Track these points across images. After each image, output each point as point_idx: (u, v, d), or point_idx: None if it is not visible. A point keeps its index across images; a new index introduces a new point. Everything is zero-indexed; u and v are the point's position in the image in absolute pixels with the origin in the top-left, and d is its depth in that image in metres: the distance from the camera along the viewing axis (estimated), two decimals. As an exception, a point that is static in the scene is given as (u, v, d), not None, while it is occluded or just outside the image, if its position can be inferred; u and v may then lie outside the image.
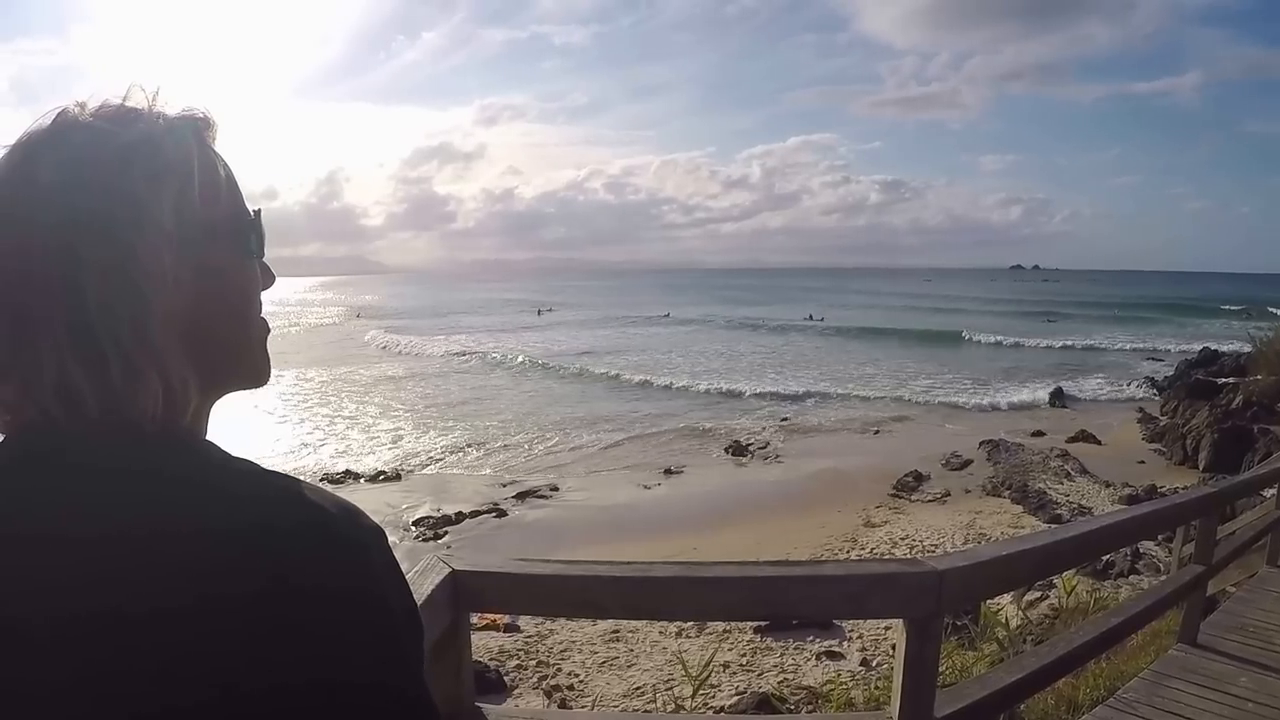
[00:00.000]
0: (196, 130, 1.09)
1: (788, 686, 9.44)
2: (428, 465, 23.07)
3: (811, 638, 10.74)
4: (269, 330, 1.17)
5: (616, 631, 10.88)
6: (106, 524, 0.91)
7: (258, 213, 1.14)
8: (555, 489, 20.03)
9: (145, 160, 1.01)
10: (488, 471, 22.15)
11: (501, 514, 17.61)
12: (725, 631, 10.91)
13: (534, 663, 10.36)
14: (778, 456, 23.16)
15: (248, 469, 1.00)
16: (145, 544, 0.90)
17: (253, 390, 1.16)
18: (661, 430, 27.39)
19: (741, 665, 10.23)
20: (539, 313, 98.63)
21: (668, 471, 21.49)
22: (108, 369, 0.96)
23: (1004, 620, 9.13)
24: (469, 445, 25.40)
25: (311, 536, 0.94)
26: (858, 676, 9.54)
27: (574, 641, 10.83)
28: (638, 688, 9.76)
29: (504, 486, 20.19)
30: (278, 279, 1.21)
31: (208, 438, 1.07)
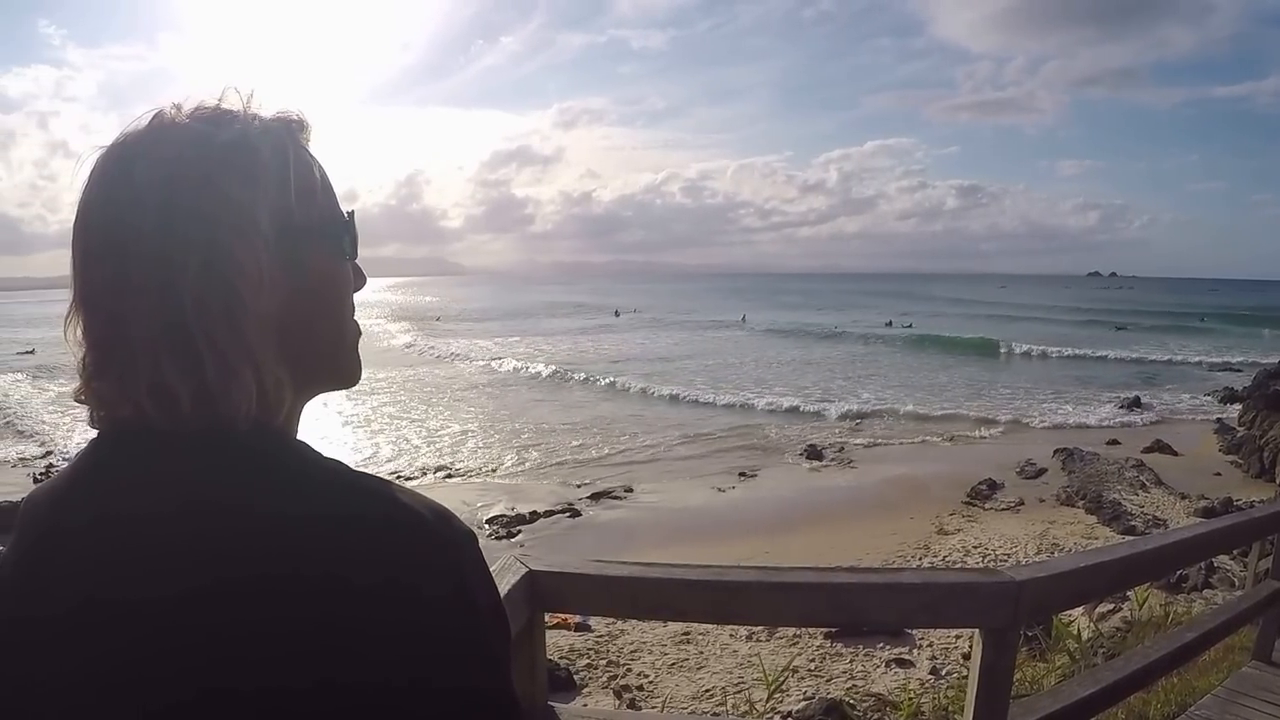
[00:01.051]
0: (291, 132, 1.10)
1: (857, 693, 9.39)
2: (502, 464, 23.22)
3: (882, 645, 10.66)
4: (360, 332, 1.18)
5: (687, 633, 10.88)
6: (194, 518, 0.93)
7: (351, 214, 1.15)
8: (629, 490, 20.07)
9: (242, 161, 1.02)
10: (563, 472, 22.26)
11: (575, 514, 17.67)
12: (796, 636, 10.87)
13: (604, 662, 10.38)
14: (851, 462, 23.01)
15: (338, 469, 1.01)
16: (230, 539, 0.91)
17: (342, 391, 1.17)
18: (736, 431, 27.44)
19: (810, 670, 10.19)
20: (616, 314, 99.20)
21: (742, 475, 21.45)
22: (203, 368, 0.97)
23: (1075, 632, 9.03)
24: (543, 445, 25.56)
25: (403, 537, 0.94)
26: (927, 685, 9.45)
27: (644, 642, 10.84)
28: (707, 690, 9.74)
29: (578, 487, 20.28)
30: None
31: (299, 438, 1.08)
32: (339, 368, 1.15)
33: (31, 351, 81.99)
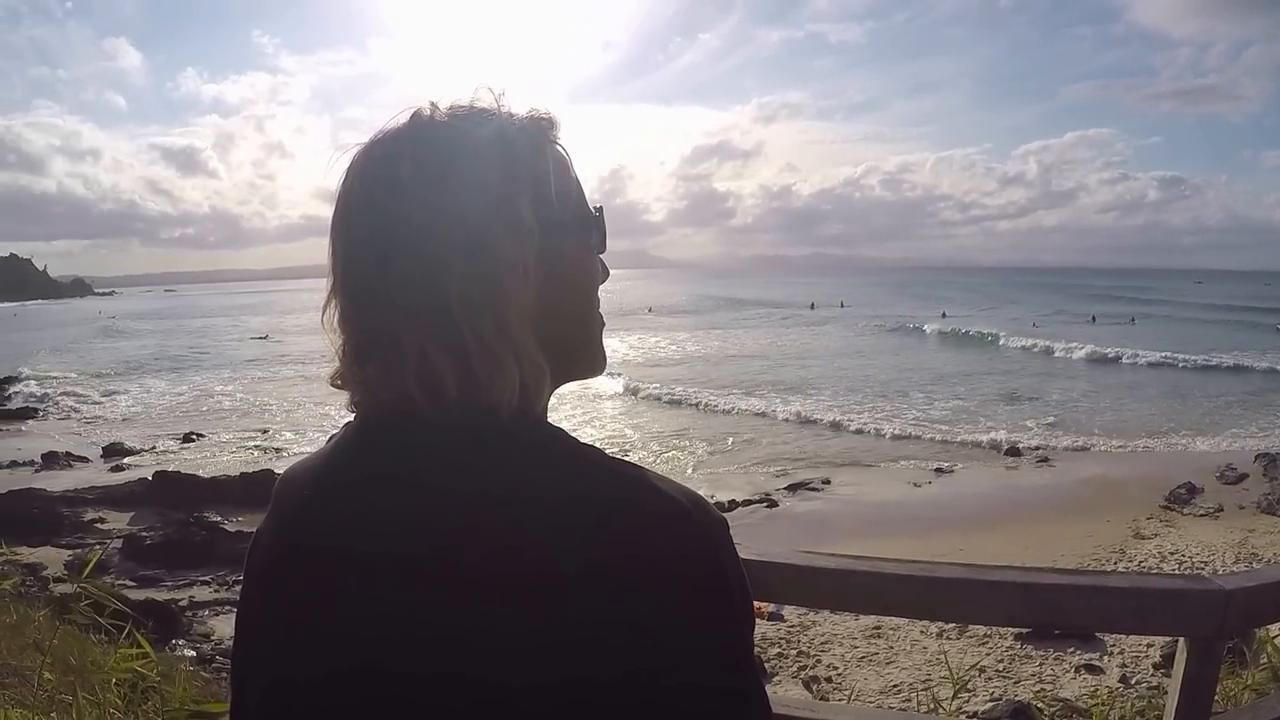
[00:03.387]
0: (544, 129, 1.13)
1: (1045, 698, 9.21)
2: (703, 452, 23.43)
3: (1072, 649, 10.40)
4: (604, 324, 1.21)
5: (878, 627, 10.83)
6: (458, 504, 0.97)
7: (599, 209, 1.18)
8: (827, 482, 20.05)
9: (501, 157, 1.06)
10: (762, 461, 22.33)
11: (773, 504, 17.71)
12: (985, 635, 10.73)
13: (794, 652, 10.41)
14: (1048, 460, 22.48)
15: (597, 456, 1.03)
16: (496, 526, 0.94)
17: (589, 381, 1.23)
18: (936, 427, 27.13)
19: (998, 671, 10.03)
20: (812, 306, 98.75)
21: (938, 470, 21.23)
22: (468, 357, 1.01)
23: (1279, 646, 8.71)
24: (745, 436, 25.71)
25: (663, 524, 0.95)
26: (1116, 693, 9.21)
27: (835, 634, 10.82)
28: (895, 685, 9.69)
29: (777, 477, 20.35)
30: None
31: (556, 425, 1.10)
32: (588, 358, 1.19)
33: (265, 337, 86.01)
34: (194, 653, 11.97)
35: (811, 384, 37.53)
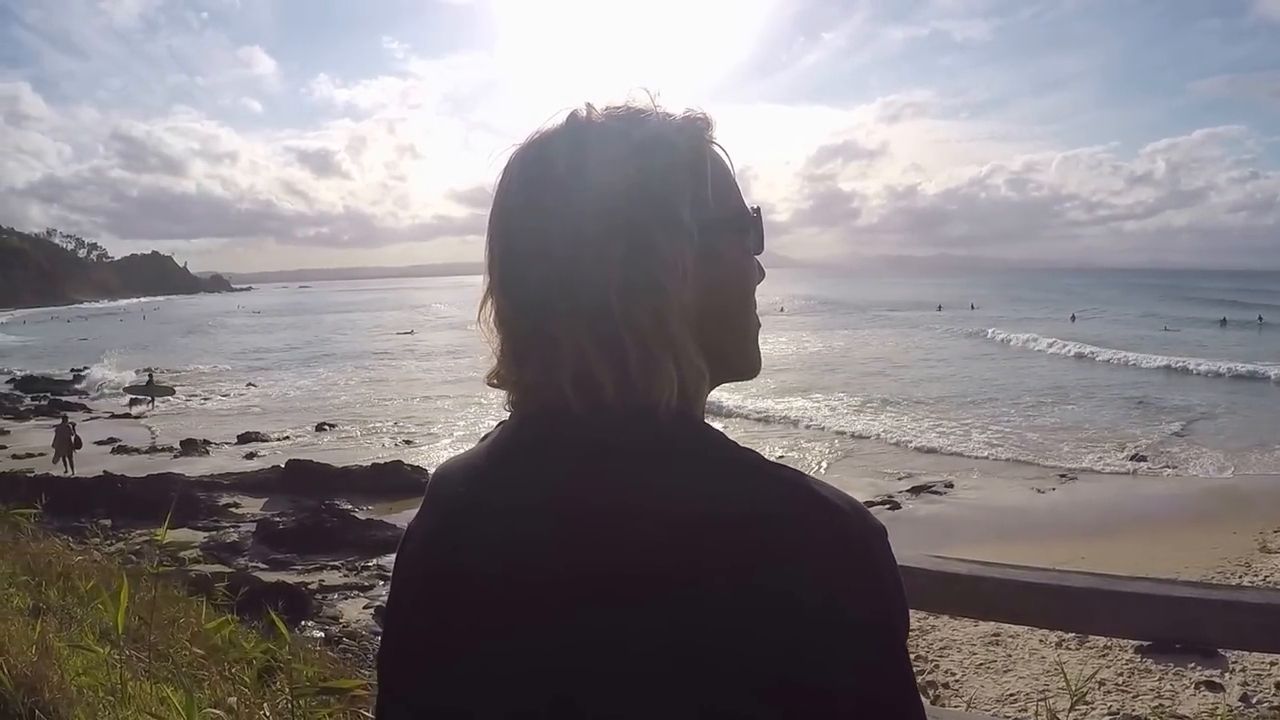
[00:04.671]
0: (700, 129, 1.10)
1: (1163, 713, 9.04)
2: (824, 451, 23.35)
3: (1193, 664, 10.15)
4: (760, 325, 1.16)
5: (997, 635, 10.70)
6: (617, 508, 0.94)
7: (757, 210, 1.15)
8: (950, 485, 19.99)
9: (660, 158, 1.04)
10: (885, 462, 22.19)
11: (895, 506, 17.62)
12: (1105, 647, 10.54)
13: (913, 656, 10.26)
14: (1174, 467, 22.07)
15: (756, 460, 0.99)
16: (655, 532, 0.91)
17: (744, 382, 1.17)
18: (1061, 432, 26.73)
19: (1117, 685, 9.84)
20: (939, 308, 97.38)
21: (1062, 476, 20.97)
22: (626, 357, 0.99)
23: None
24: (870, 437, 25.60)
25: (824, 531, 0.92)
26: (1236, 712, 8.99)
27: (954, 640, 10.72)
28: (1011, 694, 9.58)
29: (899, 479, 20.22)
30: None
31: (714, 427, 1.06)
32: (745, 359, 1.15)
33: (411, 333, 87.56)
34: (322, 634, 12.31)
35: (934, 387, 37.08)
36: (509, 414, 1.13)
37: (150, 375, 43.82)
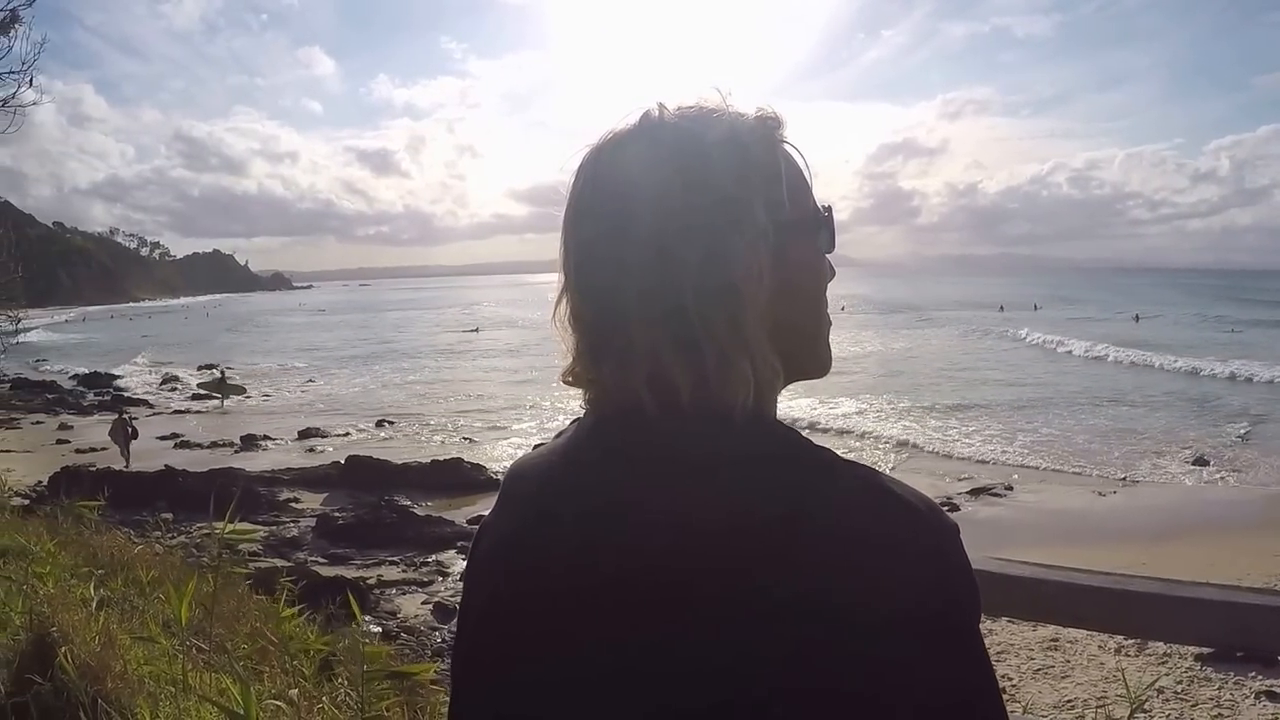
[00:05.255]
0: (772, 129, 1.10)
1: (1222, 724, 8.94)
2: (881, 453, 23.27)
3: (1254, 674, 10.02)
4: (831, 324, 1.17)
5: (1055, 640, 10.61)
6: (691, 512, 0.94)
7: (828, 210, 1.14)
8: (1009, 488, 19.87)
9: (735, 157, 1.04)
10: (943, 465, 22.09)
11: (953, 508, 17.41)
12: (1165, 654, 10.43)
13: (972, 660, 10.25)
14: (1238, 472, 21.76)
15: (831, 457, 0.99)
16: (724, 535, 0.91)
17: (815, 381, 1.17)
18: (1123, 435, 26.52)
19: (1176, 693, 9.72)
20: (1000, 309, 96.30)
21: (1123, 479, 20.75)
22: (703, 358, 0.98)
23: None
24: (927, 439, 25.50)
25: (900, 529, 0.92)
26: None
27: (1012, 645, 10.64)
28: (1069, 700, 9.50)
29: (959, 480, 20.13)
30: None
31: (787, 425, 1.06)
32: (817, 358, 1.15)
33: (476, 330, 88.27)
34: (379, 629, 12.41)
35: (994, 390, 36.81)
36: (584, 411, 1.14)
37: (222, 374, 44.27)
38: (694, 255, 0.99)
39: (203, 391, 43.36)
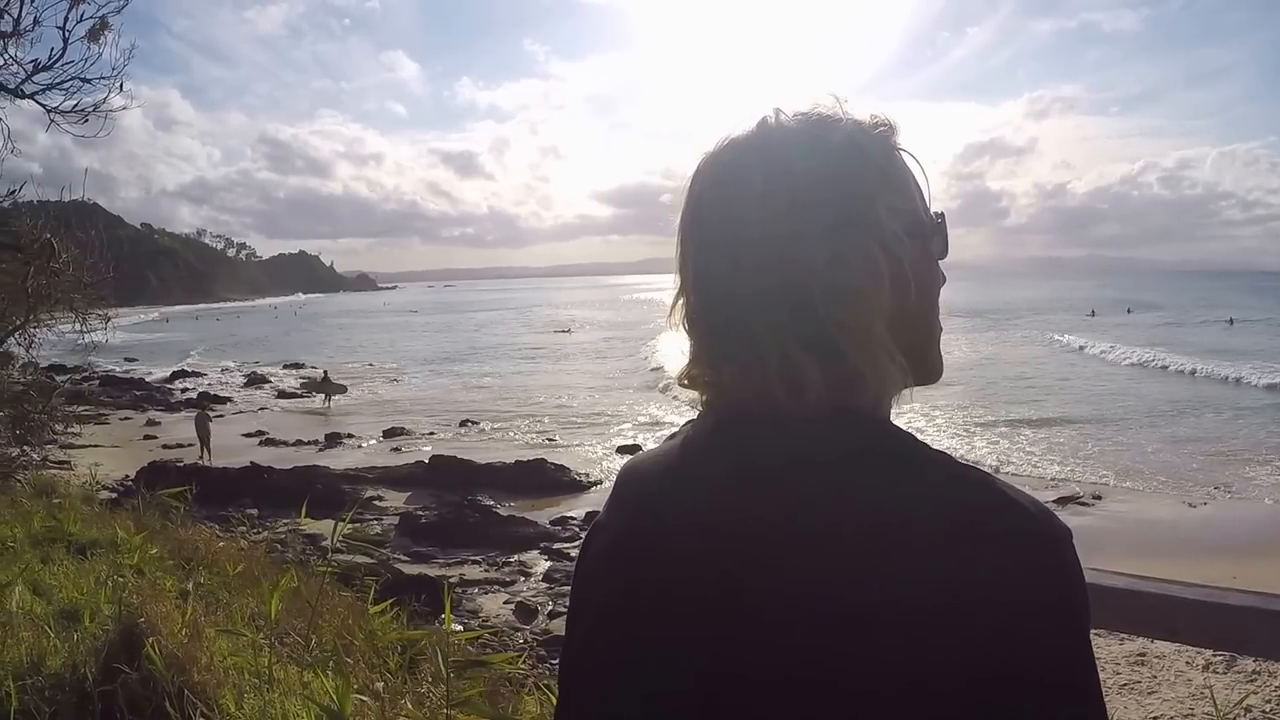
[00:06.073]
0: (889, 135, 1.11)
1: (1311, 744, 8.71)
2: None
3: (1348, 695, 9.81)
4: (942, 329, 1.16)
5: (1142, 654, 10.39)
6: (822, 516, 0.94)
7: (941, 216, 1.15)
8: (1098, 497, 19.61)
9: (856, 162, 1.04)
10: (1028, 474, 21.86)
11: (1043, 518, 17.33)
12: (1254, 671, 10.20)
13: (1056, 674, 10.11)
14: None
15: (949, 461, 0.99)
16: (854, 538, 0.91)
17: (927, 387, 1.15)
18: (1214, 444, 26.04)
19: (1265, 712, 9.45)
20: (1091, 313, 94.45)
21: (1216, 487, 20.33)
22: (832, 361, 0.99)
23: None
24: (1013, 447, 25.27)
25: (1020, 534, 0.91)
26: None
27: (1098, 658, 10.14)
28: (1155, 717, 9.30)
29: (1047, 488, 19.89)
30: None
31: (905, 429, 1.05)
32: (930, 364, 1.14)
33: (568, 331, 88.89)
34: (460, 627, 12.48)
35: (1082, 398, 36.19)
36: (701, 413, 1.14)
37: (325, 374, 44.80)
38: (821, 257, 1.00)
39: (300, 390, 44.28)
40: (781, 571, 0.94)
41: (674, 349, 1.15)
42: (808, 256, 1.00)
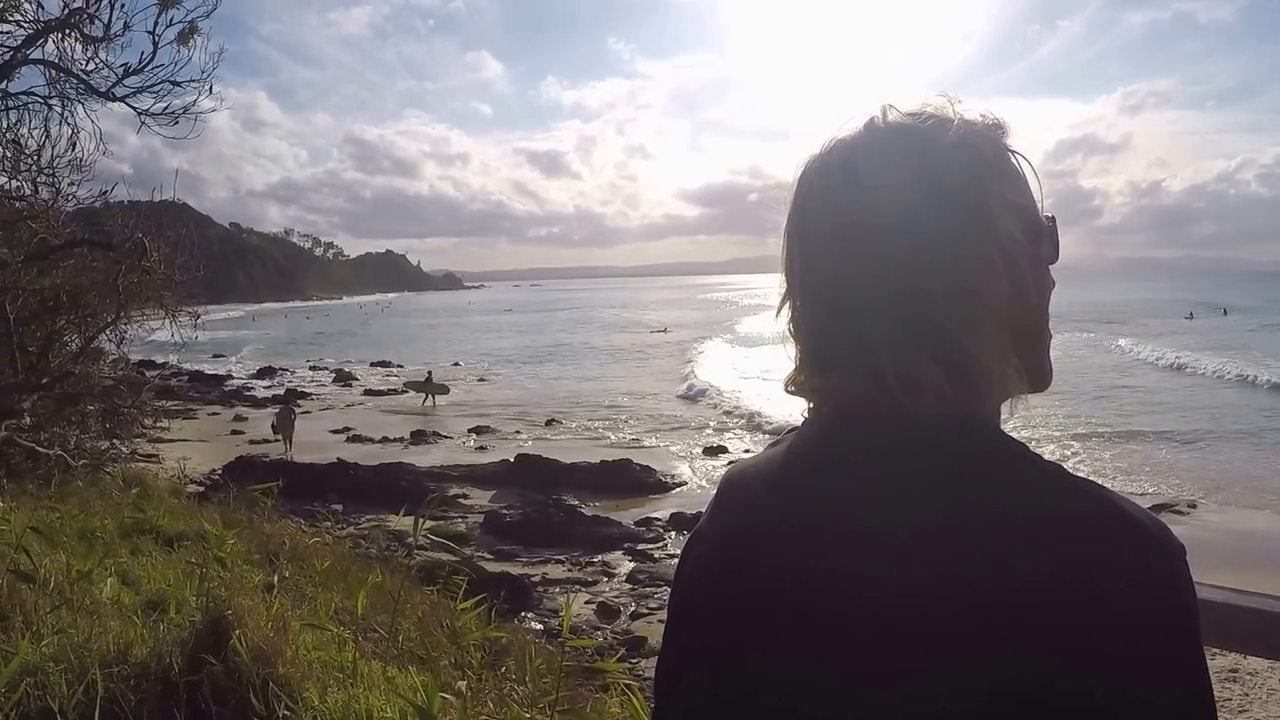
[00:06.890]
0: (1001, 135, 1.09)
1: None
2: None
3: None
4: (1052, 336, 1.14)
5: (1234, 671, 10.21)
6: (935, 519, 0.93)
7: (1052, 219, 1.13)
8: (1193, 505, 19.19)
9: (969, 162, 1.03)
10: (1119, 481, 21.53)
11: (1135, 525, 17.04)
12: (1345, 690, 10.00)
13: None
14: None
15: (1060, 470, 0.97)
16: (985, 540, 0.90)
17: (1036, 394, 1.13)
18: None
19: (1359, 736, 9.33)
20: (1189, 315, 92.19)
21: (1313, 504, 19.63)
22: (949, 365, 0.98)
23: None
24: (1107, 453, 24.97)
25: (1135, 544, 0.90)
26: None
27: (1188, 671, 10.32)
28: (1247, 738, 9.18)
29: (1139, 496, 19.55)
30: None
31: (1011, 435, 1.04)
32: (1040, 369, 1.12)
33: (665, 330, 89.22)
34: (540, 626, 12.58)
35: (1176, 408, 35.28)
36: (807, 419, 1.13)
37: (429, 373, 45.03)
38: (938, 260, 0.99)
39: (400, 388, 44.80)
40: (903, 560, 0.93)
41: (716, 360, 1.12)
42: (925, 258, 0.99)
